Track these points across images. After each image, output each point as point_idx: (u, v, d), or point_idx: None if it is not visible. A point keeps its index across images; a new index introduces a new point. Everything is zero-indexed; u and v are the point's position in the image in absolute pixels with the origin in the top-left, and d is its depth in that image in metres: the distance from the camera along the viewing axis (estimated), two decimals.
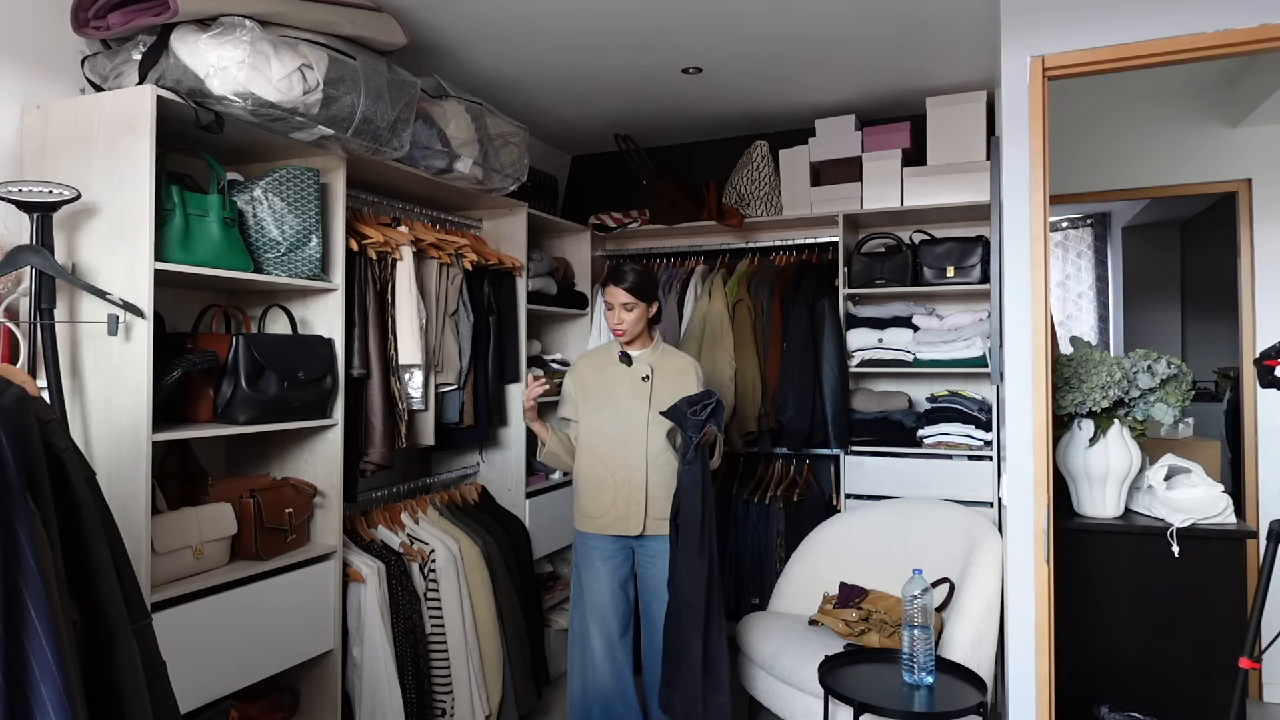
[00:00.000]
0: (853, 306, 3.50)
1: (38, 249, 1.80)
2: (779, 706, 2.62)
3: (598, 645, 2.55)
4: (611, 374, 2.58)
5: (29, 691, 0.90)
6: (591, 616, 2.56)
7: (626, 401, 2.54)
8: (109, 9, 1.99)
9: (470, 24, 2.66)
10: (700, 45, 2.87)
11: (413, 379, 2.68)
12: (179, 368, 2.00)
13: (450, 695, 2.61)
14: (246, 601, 2.08)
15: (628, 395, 2.54)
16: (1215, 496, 2.44)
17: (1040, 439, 2.21)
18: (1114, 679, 2.46)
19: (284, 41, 2.04)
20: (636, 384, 2.54)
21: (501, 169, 2.97)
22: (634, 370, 2.56)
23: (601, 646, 2.54)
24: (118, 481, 1.84)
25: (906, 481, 3.25)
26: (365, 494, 2.73)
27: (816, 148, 3.54)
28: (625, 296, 2.49)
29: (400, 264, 2.62)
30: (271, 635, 2.15)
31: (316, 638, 2.30)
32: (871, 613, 2.60)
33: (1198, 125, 3.42)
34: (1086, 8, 2.18)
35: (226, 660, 2.02)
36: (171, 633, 1.84)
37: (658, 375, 2.55)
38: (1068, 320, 5.41)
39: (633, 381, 2.55)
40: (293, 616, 2.22)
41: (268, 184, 2.18)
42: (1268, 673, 3.20)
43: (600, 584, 2.55)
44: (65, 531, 1.03)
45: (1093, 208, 5.25)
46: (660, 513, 2.50)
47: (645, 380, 2.53)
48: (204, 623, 1.96)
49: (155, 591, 1.87)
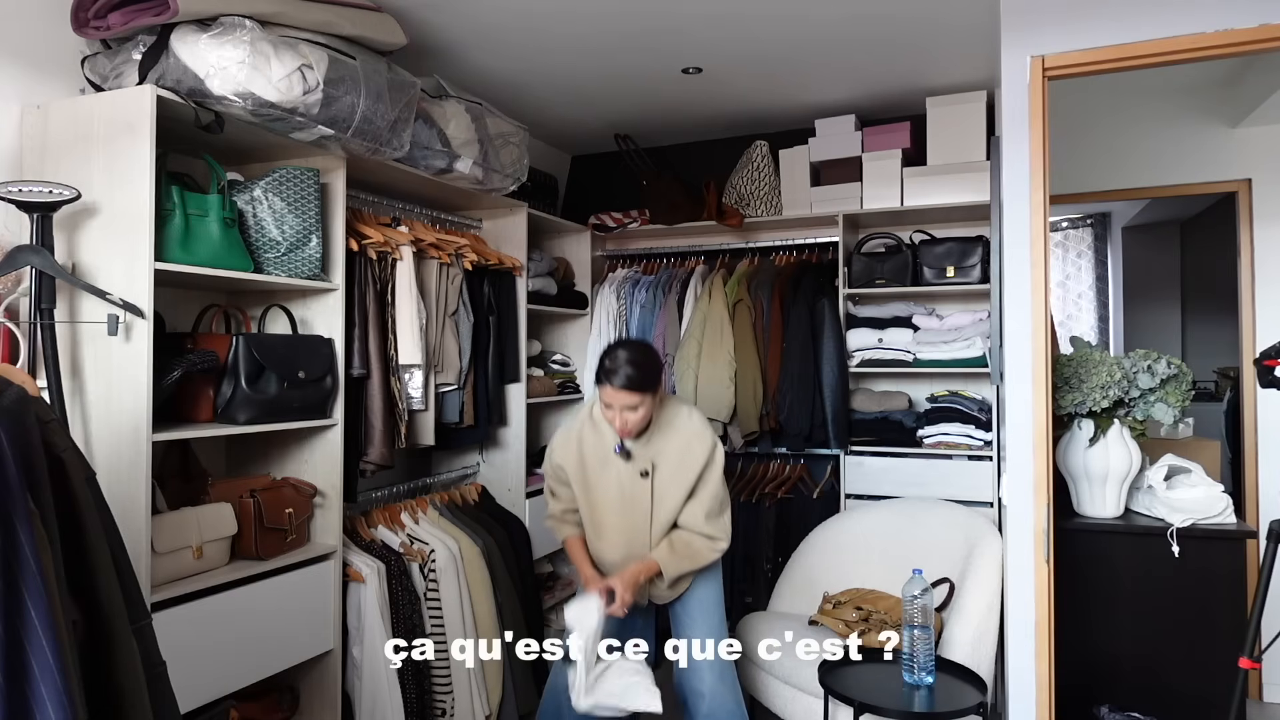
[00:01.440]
0: (853, 306, 3.50)
1: (38, 249, 1.80)
2: (779, 706, 2.62)
3: None
4: (612, 465, 2.24)
5: (29, 691, 0.90)
6: None
7: (626, 497, 2.24)
8: (109, 9, 1.99)
9: (470, 24, 2.66)
10: (700, 45, 2.87)
11: (413, 379, 2.68)
12: (179, 368, 2.00)
13: (450, 695, 2.61)
14: (246, 601, 2.08)
15: (628, 498, 2.23)
16: (1215, 496, 2.44)
17: (1040, 439, 2.21)
18: (1114, 679, 2.46)
19: (284, 41, 2.04)
20: (635, 481, 2.22)
21: (501, 169, 2.97)
22: (633, 466, 2.21)
23: None
24: (118, 481, 1.84)
25: (906, 481, 3.25)
26: (365, 494, 2.73)
27: (816, 148, 3.54)
28: (629, 397, 2.04)
29: (400, 264, 2.62)
30: (271, 635, 2.15)
31: (316, 638, 2.30)
32: (872, 613, 2.60)
33: (1198, 125, 3.42)
34: (1086, 8, 2.18)
35: (226, 660, 2.02)
36: (171, 633, 1.84)
37: (660, 469, 2.18)
38: (1068, 320, 5.41)
39: (630, 478, 2.22)
40: (293, 616, 2.22)
41: (268, 184, 2.18)
42: (1268, 673, 3.19)
43: None
44: (65, 531, 1.03)
45: (1093, 208, 5.24)
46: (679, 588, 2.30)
47: (645, 477, 2.18)
48: (204, 623, 1.96)
49: (155, 591, 1.87)
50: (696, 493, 2.22)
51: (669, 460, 2.18)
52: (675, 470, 2.18)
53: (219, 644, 2.00)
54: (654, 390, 2.10)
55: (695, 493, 2.22)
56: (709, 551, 2.23)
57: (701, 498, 2.23)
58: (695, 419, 2.24)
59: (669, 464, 2.18)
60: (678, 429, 2.21)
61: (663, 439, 2.20)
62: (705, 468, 2.18)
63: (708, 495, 2.22)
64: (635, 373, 2.05)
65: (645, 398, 2.08)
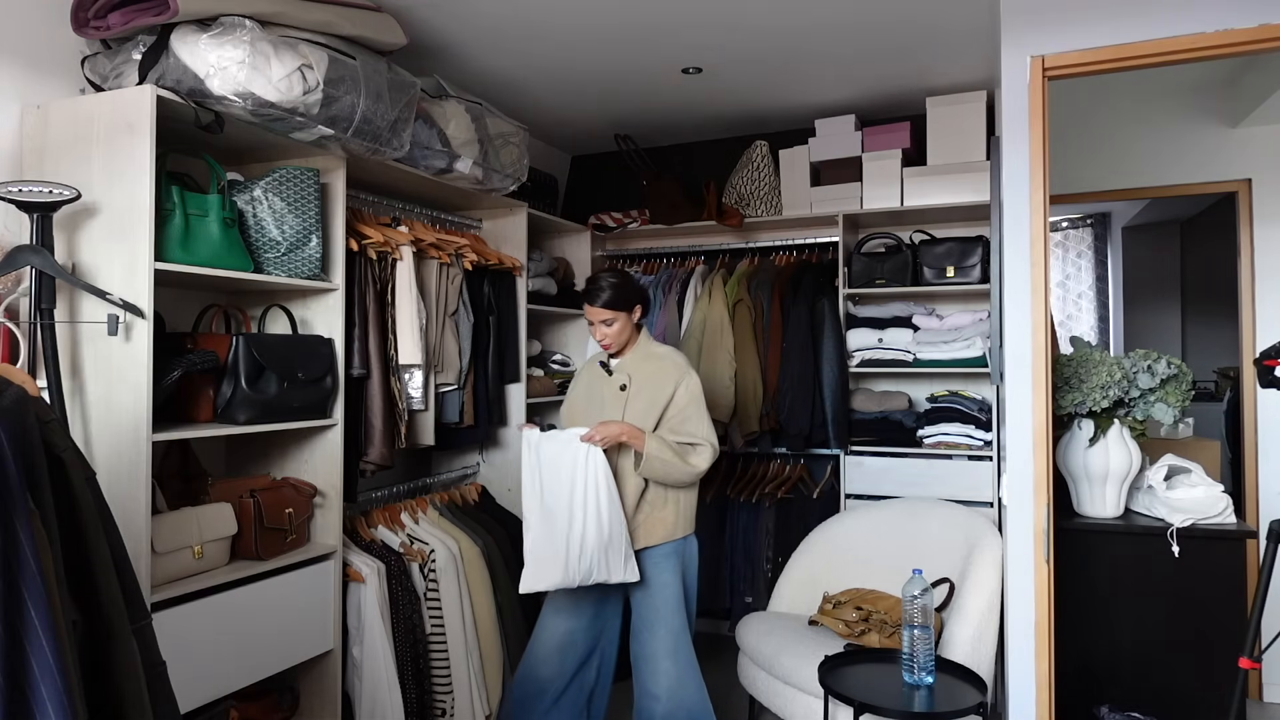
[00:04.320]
0: (853, 306, 3.50)
1: (38, 249, 1.80)
2: (779, 706, 2.62)
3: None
4: (598, 388, 2.51)
5: (29, 691, 0.90)
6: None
7: (606, 406, 2.46)
8: (109, 9, 1.99)
9: (470, 24, 2.66)
10: (700, 45, 2.87)
11: (413, 379, 2.68)
12: (179, 368, 2.00)
13: (450, 695, 2.61)
14: (246, 601, 2.08)
15: (607, 407, 2.45)
16: (1215, 496, 2.44)
17: (1040, 439, 2.21)
18: (1114, 679, 2.46)
19: (284, 41, 2.04)
20: (614, 393, 2.46)
21: (501, 169, 2.97)
22: (613, 380, 2.48)
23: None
24: (118, 481, 1.84)
25: (906, 481, 3.25)
26: (365, 494, 2.73)
27: (816, 148, 3.54)
28: (604, 313, 2.41)
29: (400, 264, 2.62)
30: (271, 635, 2.15)
31: (316, 638, 2.30)
32: (872, 613, 2.60)
33: (1198, 125, 3.42)
34: (1086, 8, 2.18)
35: (226, 660, 2.02)
36: (171, 633, 1.84)
37: (634, 381, 2.44)
38: (1068, 320, 5.41)
39: (611, 391, 2.47)
40: (293, 616, 2.22)
41: (268, 184, 2.18)
42: (1268, 673, 3.20)
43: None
44: (65, 531, 1.03)
45: (1093, 208, 5.24)
46: (634, 528, 2.38)
47: (623, 390, 2.45)
48: (204, 622, 1.96)
49: (155, 591, 1.87)
50: (670, 418, 2.39)
51: (643, 379, 2.45)
52: (647, 386, 2.43)
53: (219, 644, 2.00)
54: (627, 309, 2.44)
55: (669, 418, 2.39)
56: (686, 458, 2.36)
57: (675, 422, 2.39)
58: (675, 355, 2.51)
59: (643, 381, 2.44)
60: (659, 358, 2.50)
61: (642, 361, 2.49)
62: (677, 389, 2.41)
63: (682, 418, 2.39)
64: (610, 293, 2.41)
65: (619, 315, 2.43)
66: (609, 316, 2.42)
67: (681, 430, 2.37)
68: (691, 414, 2.39)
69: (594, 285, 2.45)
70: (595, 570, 2.26)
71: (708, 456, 2.36)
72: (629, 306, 2.44)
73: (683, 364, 2.47)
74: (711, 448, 2.38)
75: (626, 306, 2.44)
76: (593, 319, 2.44)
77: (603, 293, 2.41)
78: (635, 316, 2.48)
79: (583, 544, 2.25)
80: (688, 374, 2.44)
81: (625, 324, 2.45)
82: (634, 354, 2.50)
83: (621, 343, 2.48)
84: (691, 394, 2.41)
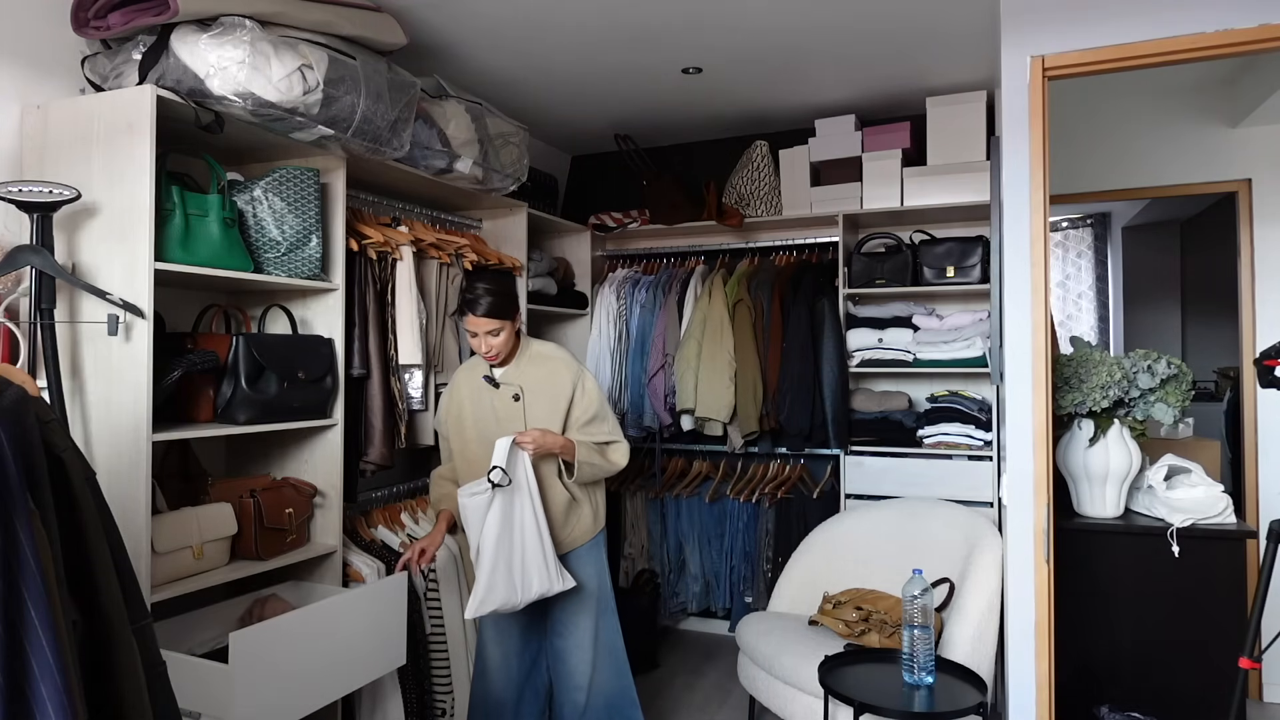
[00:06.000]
0: (853, 306, 3.51)
1: (38, 249, 1.80)
2: (779, 706, 2.62)
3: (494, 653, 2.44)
4: (486, 401, 2.34)
5: (29, 691, 0.90)
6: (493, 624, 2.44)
7: (501, 421, 2.31)
8: (109, 9, 1.99)
9: (470, 24, 2.66)
10: (700, 45, 2.87)
11: (413, 379, 2.68)
12: (179, 368, 2.00)
13: (450, 695, 2.61)
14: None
15: (503, 422, 2.31)
16: (1215, 496, 2.44)
17: (1040, 439, 2.21)
18: (1114, 679, 2.46)
19: (284, 41, 2.04)
20: (509, 406, 2.31)
21: (501, 169, 2.97)
22: (503, 392, 2.32)
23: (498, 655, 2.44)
24: (118, 481, 1.84)
25: (906, 481, 3.25)
26: (365, 494, 2.73)
27: (816, 148, 3.54)
28: (488, 323, 2.23)
29: (400, 264, 2.62)
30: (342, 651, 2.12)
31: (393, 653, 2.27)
32: (872, 613, 2.60)
33: (1198, 125, 3.42)
34: (1086, 8, 2.18)
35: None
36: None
37: (528, 390, 2.31)
38: (1068, 320, 5.41)
39: (504, 404, 2.32)
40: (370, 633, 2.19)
41: (268, 184, 2.18)
42: (1268, 673, 3.20)
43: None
44: (65, 531, 1.03)
45: (1093, 208, 5.24)
46: (562, 535, 2.35)
47: (517, 400, 2.30)
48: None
49: (155, 591, 1.87)
50: (577, 420, 2.33)
51: (537, 385, 2.33)
52: (542, 394, 2.32)
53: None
54: (511, 316, 2.28)
55: (576, 420, 2.33)
56: (609, 457, 2.34)
57: (588, 425, 2.33)
58: (560, 352, 2.40)
59: (537, 389, 2.32)
60: (546, 359, 2.37)
61: (530, 366, 2.35)
62: (574, 390, 2.33)
63: (592, 420, 2.33)
64: (492, 300, 2.23)
65: (504, 324, 2.26)
66: (494, 326, 2.24)
67: (597, 432, 2.33)
68: (599, 414, 2.34)
69: (472, 293, 2.23)
70: (538, 584, 2.20)
71: (625, 451, 2.36)
72: (512, 314, 2.28)
73: (572, 361, 2.38)
74: (626, 442, 2.37)
75: (510, 314, 2.27)
76: (475, 330, 2.25)
77: (484, 300, 2.22)
78: (518, 323, 2.34)
79: (524, 562, 2.20)
80: (581, 372, 2.36)
81: (510, 333, 2.29)
82: (519, 361, 2.35)
83: (507, 351, 2.31)
84: (592, 394, 2.34)
